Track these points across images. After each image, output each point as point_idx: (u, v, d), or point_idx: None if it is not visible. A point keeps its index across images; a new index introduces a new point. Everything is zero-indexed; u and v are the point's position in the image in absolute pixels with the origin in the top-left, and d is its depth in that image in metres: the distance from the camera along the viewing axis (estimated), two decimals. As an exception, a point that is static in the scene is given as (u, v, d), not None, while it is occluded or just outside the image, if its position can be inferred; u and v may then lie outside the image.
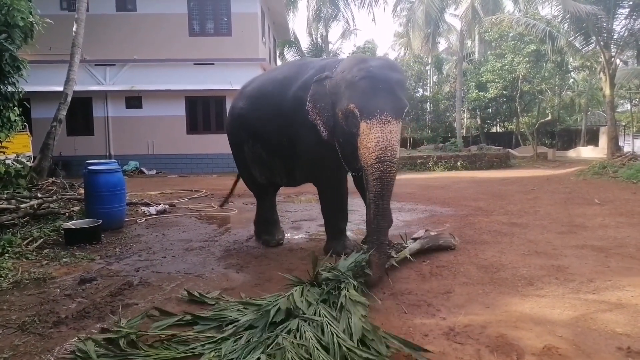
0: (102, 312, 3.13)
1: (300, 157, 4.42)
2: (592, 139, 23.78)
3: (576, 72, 22.29)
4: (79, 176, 7.18)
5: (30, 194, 6.70)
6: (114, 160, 6.75)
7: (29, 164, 8.61)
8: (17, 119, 6.98)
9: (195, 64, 14.68)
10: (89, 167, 5.92)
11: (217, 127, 14.94)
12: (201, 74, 14.60)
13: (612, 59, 14.20)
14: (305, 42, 26.71)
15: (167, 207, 7.41)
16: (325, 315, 2.72)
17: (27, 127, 11.05)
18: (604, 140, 19.40)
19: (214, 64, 14.67)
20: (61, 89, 9.40)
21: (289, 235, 5.48)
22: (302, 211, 7.26)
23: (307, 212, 7.09)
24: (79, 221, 5.58)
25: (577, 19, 13.44)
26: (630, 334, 2.69)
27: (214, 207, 7.70)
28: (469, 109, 25.83)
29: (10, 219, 5.47)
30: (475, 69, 23.59)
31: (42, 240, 5.04)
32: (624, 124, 25.09)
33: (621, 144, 17.95)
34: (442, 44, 30.72)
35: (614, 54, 14.29)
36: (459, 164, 16.09)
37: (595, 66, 16.62)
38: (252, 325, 2.73)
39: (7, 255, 4.44)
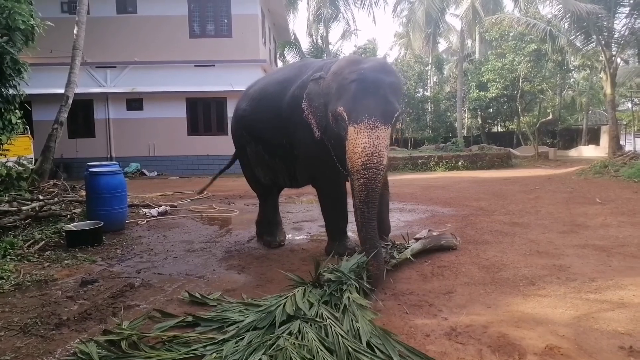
0: (103, 314, 3.13)
1: (298, 158, 4.42)
2: (593, 138, 23.77)
3: (577, 71, 22.25)
4: (81, 178, 7.19)
5: (31, 196, 6.71)
6: (115, 162, 6.76)
7: (31, 167, 8.62)
8: (18, 121, 6.98)
9: (195, 66, 14.70)
10: (90, 169, 5.93)
11: (217, 128, 14.96)
12: (202, 76, 14.62)
13: (613, 58, 14.19)
14: (305, 43, 26.76)
15: (168, 208, 7.42)
16: (328, 316, 2.70)
17: (29, 130, 11.06)
18: (605, 139, 19.39)
19: (214, 66, 14.69)
20: (62, 91, 9.41)
21: (290, 236, 5.49)
22: (303, 212, 7.26)
23: (308, 213, 7.10)
24: (81, 223, 5.58)
25: (577, 18, 13.43)
26: (632, 333, 2.68)
27: (215, 208, 7.70)
28: (469, 108, 25.82)
29: (11, 221, 5.47)
30: (476, 68, 23.59)
31: (43, 242, 5.04)
32: (625, 122, 25.06)
33: (622, 143, 17.96)
34: (443, 44, 30.80)
35: (614, 53, 14.27)
36: (460, 163, 16.08)
37: (596, 65, 16.59)
38: (254, 326, 2.73)
39: (8, 257, 4.44)
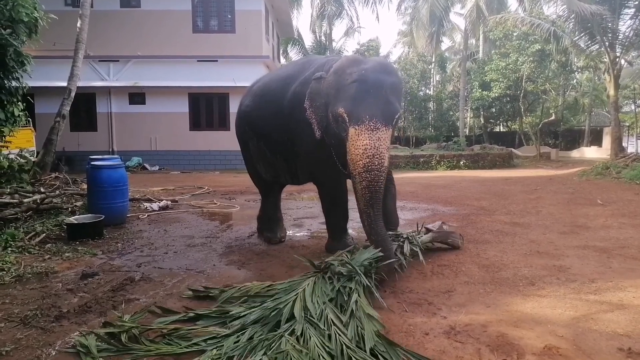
0: (103, 307, 3.14)
1: (299, 155, 4.42)
2: (596, 140, 23.74)
3: (580, 72, 22.20)
4: (82, 171, 7.20)
5: (33, 188, 6.71)
6: (116, 156, 6.77)
7: (32, 159, 8.61)
8: (20, 114, 6.99)
9: (198, 61, 14.68)
10: (92, 163, 5.94)
11: (220, 124, 14.95)
12: (204, 71, 14.60)
13: (617, 60, 14.15)
14: (309, 40, 26.80)
15: (169, 203, 7.43)
16: (333, 320, 2.64)
17: (31, 122, 11.06)
18: (607, 140, 19.37)
19: (217, 61, 14.67)
20: (65, 84, 9.41)
21: (290, 232, 5.49)
22: (304, 209, 7.26)
23: (309, 210, 7.10)
24: (82, 216, 5.60)
25: (582, 19, 13.38)
26: (631, 334, 2.68)
27: (216, 203, 7.71)
28: (472, 108, 25.79)
29: (13, 213, 5.48)
30: (479, 68, 23.53)
31: (44, 234, 5.06)
32: (628, 124, 25.00)
33: (625, 144, 17.90)
34: (446, 43, 30.68)
35: (618, 55, 14.23)
36: (462, 163, 16.06)
37: (599, 66, 16.55)
38: (257, 320, 2.71)
39: (10, 249, 4.46)
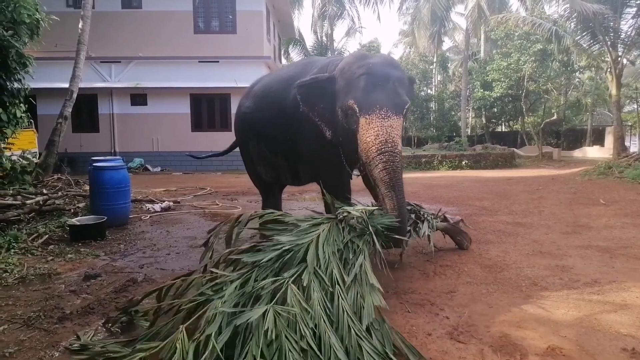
0: (106, 309, 3.14)
1: (302, 156, 4.41)
2: (598, 139, 23.69)
3: (582, 72, 22.17)
4: (84, 173, 7.20)
5: (35, 190, 6.73)
6: (118, 157, 6.78)
7: (35, 161, 8.64)
8: (23, 115, 7.00)
9: (200, 62, 14.70)
10: (94, 164, 5.95)
11: (221, 124, 14.96)
12: (206, 72, 14.62)
13: (619, 59, 14.12)
14: (310, 40, 26.78)
15: (171, 204, 7.43)
16: (337, 279, 2.61)
17: (33, 124, 11.09)
18: (610, 140, 19.33)
19: (218, 62, 14.69)
20: (67, 85, 9.43)
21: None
22: (305, 210, 7.26)
23: (310, 213, 7.08)
24: (84, 217, 5.60)
25: (584, 18, 13.37)
26: (635, 335, 2.67)
27: (218, 204, 7.72)
28: (474, 108, 25.76)
29: (15, 214, 5.49)
30: (480, 67, 23.52)
31: (47, 236, 5.06)
32: (630, 124, 24.95)
33: (627, 144, 17.89)
34: (448, 43, 30.70)
35: (620, 54, 14.21)
36: (464, 163, 16.05)
37: (601, 66, 16.52)
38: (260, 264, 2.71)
39: (12, 250, 4.46)
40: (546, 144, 22.62)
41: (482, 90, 21.74)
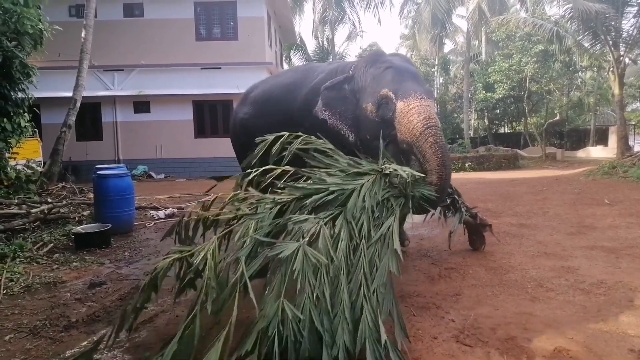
0: (112, 316, 3.15)
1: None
2: (602, 139, 23.57)
3: (584, 72, 22.13)
4: (89, 181, 7.24)
5: (40, 199, 6.76)
6: (122, 164, 6.80)
7: (39, 169, 8.69)
8: (27, 124, 7.06)
9: (202, 69, 14.76)
10: (98, 172, 5.97)
11: (224, 130, 14.97)
12: (208, 79, 14.67)
13: (621, 58, 14.09)
14: (311, 45, 26.77)
15: (175, 211, 7.45)
16: (365, 234, 2.67)
17: (37, 133, 11.15)
18: (613, 139, 19.22)
19: (220, 69, 14.74)
20: (70, 94, 9.49)
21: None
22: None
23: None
24: (89, 225, 5.63)
25: (585, 18, 13.34)
26: (642, 335, 2.66)
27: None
28: (476, 109, 25.71)
29: (21, 223, 5.52)
30: (482, 69, 23.49)
31: (52, 244, 5.09)
32: (633, 123, 24.83)
33: (631, 143, 17.79)
34: (449, 45, 30.64)
35: (622, 53, 14.17)
36: (467, 165, 16.01)
37: (604, 65, 16.49)
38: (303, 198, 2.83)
39: (18, 259, 4.48)
40: (549, 144, 22.53)
41: (484, 92, 21.70)
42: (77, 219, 6.26)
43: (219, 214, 2.76)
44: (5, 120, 6.45)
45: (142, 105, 14.96)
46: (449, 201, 4.22)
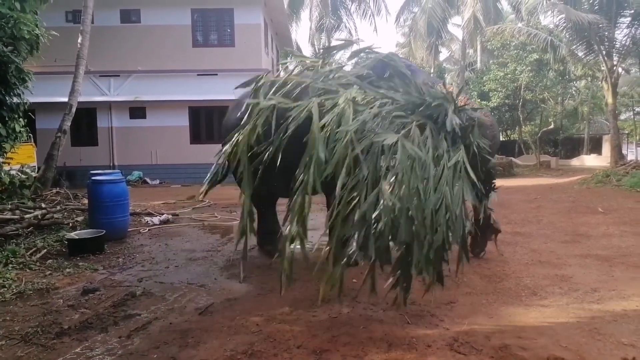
0: (105, 323, 3.13)
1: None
2: (595, 147, 23.73)
3: (578, 81, 22.32)
4: (83, 186, 7.21)
5: (34, 204, 6.73)
6: (117, 170, 6.78)
7: (34, 175, 8.65)
8: (22, 129, 7.04)
9: (198, 75, 14.77)
10: (93, 178, 5.95)
11: (220, 137, 14.90)
12: (204, 85, 14.67)
13: (614, 68, 14.23)
14: (308, 52, 26.90)
15: (170, 217, 7.42)
16: (411, 178, 2.83)
17: (32, 138, 11.11)
18: (607, 148, 19.36)
19: (217, 75, 14.74)
20: (66, 100, 9.48)
21: (292, 245, 5.45)
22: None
23: (310, 222, 7.06)
24: (83, 231, 5.59)
25: (579, 28, 13.50)
26: (635, 344, 2.66)
27: (217, 216, 7.70)
28: (471, 117, 25.79)
29: (14, 229, 5.48)
30: (477, 78, 23.65)
31: (45, 250, 5.05)
32: (627, 132, 25.03)
33: (624, 152, 17.92)
34: (444, 53, 30.89)
35: (615, 63, 14.32)
36: (462, 172, 16.02)
37: (597, 74, 16.65)
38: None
39: (10, 265, 4.45)
40: (544, 152, 22.66)
41: (479, 100, 21.84)
42: (71, 224, 6.22)
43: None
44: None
45: (138, 110, 14.94)
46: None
